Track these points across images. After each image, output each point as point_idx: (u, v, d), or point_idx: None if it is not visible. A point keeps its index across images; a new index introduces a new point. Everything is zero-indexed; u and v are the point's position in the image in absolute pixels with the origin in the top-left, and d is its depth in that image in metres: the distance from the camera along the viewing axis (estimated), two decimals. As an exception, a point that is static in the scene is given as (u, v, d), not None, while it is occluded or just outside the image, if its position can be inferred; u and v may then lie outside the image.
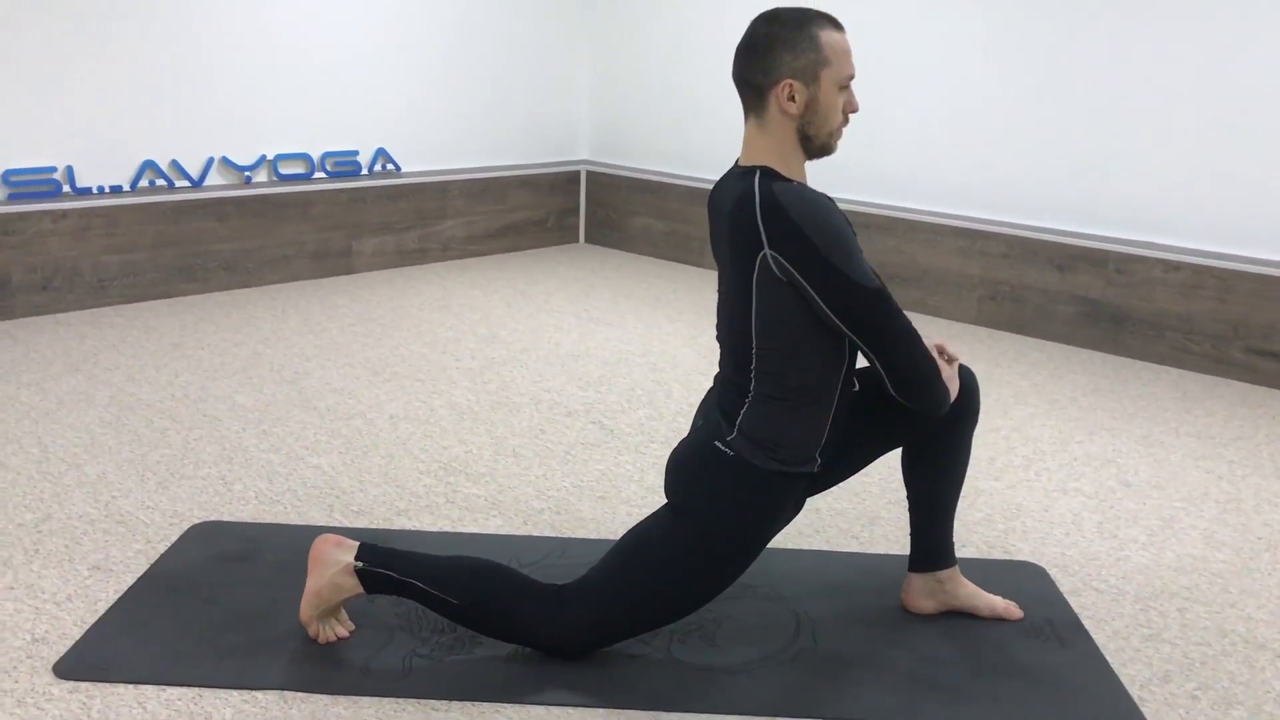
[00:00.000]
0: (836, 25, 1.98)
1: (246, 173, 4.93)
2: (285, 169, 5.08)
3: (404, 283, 5.11)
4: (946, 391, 2.03)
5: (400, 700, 1.96)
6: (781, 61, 1.94)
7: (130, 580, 2.35)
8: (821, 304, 1.92)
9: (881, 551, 2.63)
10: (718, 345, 2.14)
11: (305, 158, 5.12)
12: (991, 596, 2.33)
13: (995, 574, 2.51)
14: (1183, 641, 2.28)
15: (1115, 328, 4.37)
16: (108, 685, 1.97)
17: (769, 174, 1.96)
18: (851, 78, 1.99)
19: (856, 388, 2.16)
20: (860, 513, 2.84)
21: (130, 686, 1.97)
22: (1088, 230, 4.48)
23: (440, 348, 4.10)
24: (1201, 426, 3.59)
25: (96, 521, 2.62)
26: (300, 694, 1.97)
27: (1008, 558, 2.63)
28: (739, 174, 2.01)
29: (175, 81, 4.66)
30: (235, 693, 1.97)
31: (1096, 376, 4.07)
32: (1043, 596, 2.42)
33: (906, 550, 2.44)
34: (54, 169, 4.41)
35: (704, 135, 5.69)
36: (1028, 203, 4.63)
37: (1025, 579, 2.50)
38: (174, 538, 2.55)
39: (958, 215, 4.82)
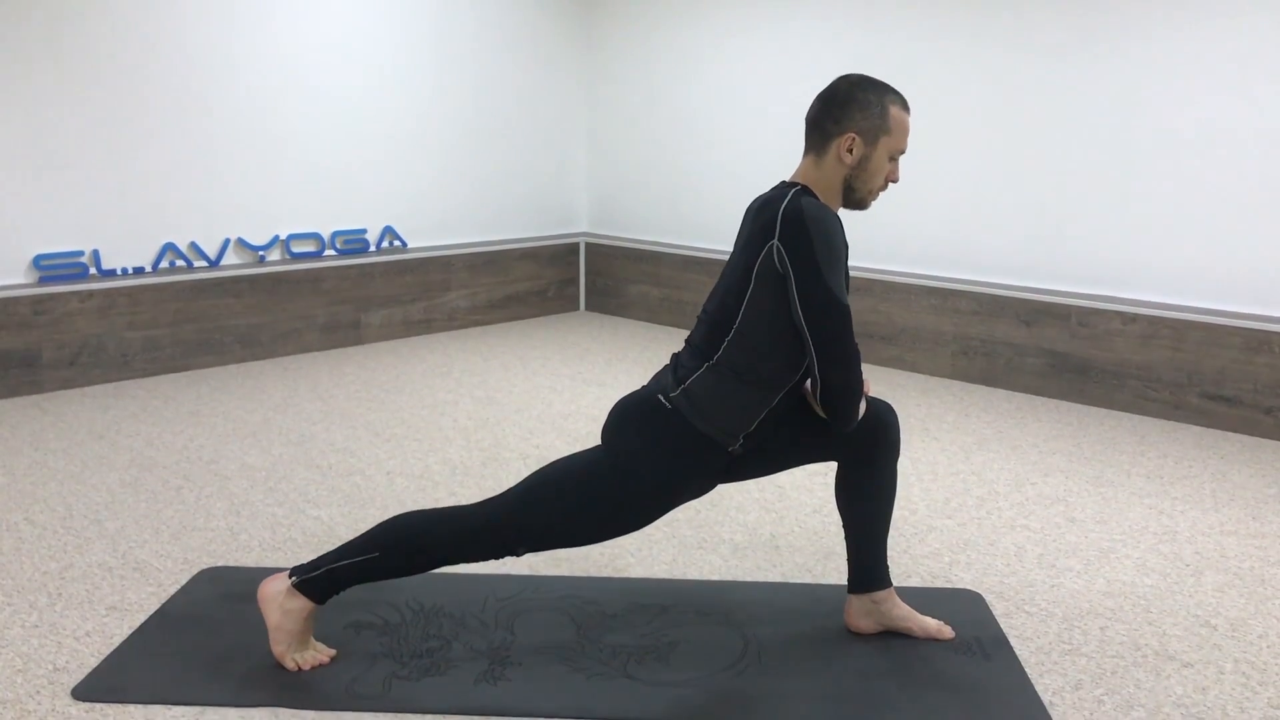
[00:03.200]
0: (905, 106, 2.32)
1: (261, 252, 5.26)
2: (297, 248, 5.40)
3: (409, 351, 5.40)
4: (858, 416, 2.30)
5: (380, 715, 2.20)
6: (853, 118, 2.27)
7: (143, 618, 2.60)
8: (797, 300, 2.19)
9: (833, 582, 2.85)
10: (695, 322, 2.39)
11: (316, 236, 5.45)
12: (925, 618, 2.55)
13: (935, 600, 2.72)
14: (1098, 655, 2.48)
15: (1080, 378, 4.59)
16: (119, 706, 2.21)
17: (806, 191, 2.27)
18: (903, 153, 2.32)
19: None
20: (816, 549, 3.07)
21: (140, 706, 2.21)
22: (1051, 286, 4.73)
23: (439, 410, 4.37)
24: (1153, 468, 3.80)
25: (114, 569, 2.88)
26: (290, 710, 2.21)
27: (949, 586, 2.84)
28: (783, 185, 2.32)
29: (193, 169, 5.01)
30: (233, 710, 2.20)
31: (1060, 424, 4.29)
32: (976, 618, 2.64)
33: (849, 578, 2.65)
34: (81, 252, 4.75)
35: (695, 207, 6.00)
36: (995, 262, 4.89)
37: (962, 604, 2.71)
38: (184, 581, 2.80)
39: (930, 275, 5.08)
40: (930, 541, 3.13)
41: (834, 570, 2.92)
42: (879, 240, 5.24)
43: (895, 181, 2.34)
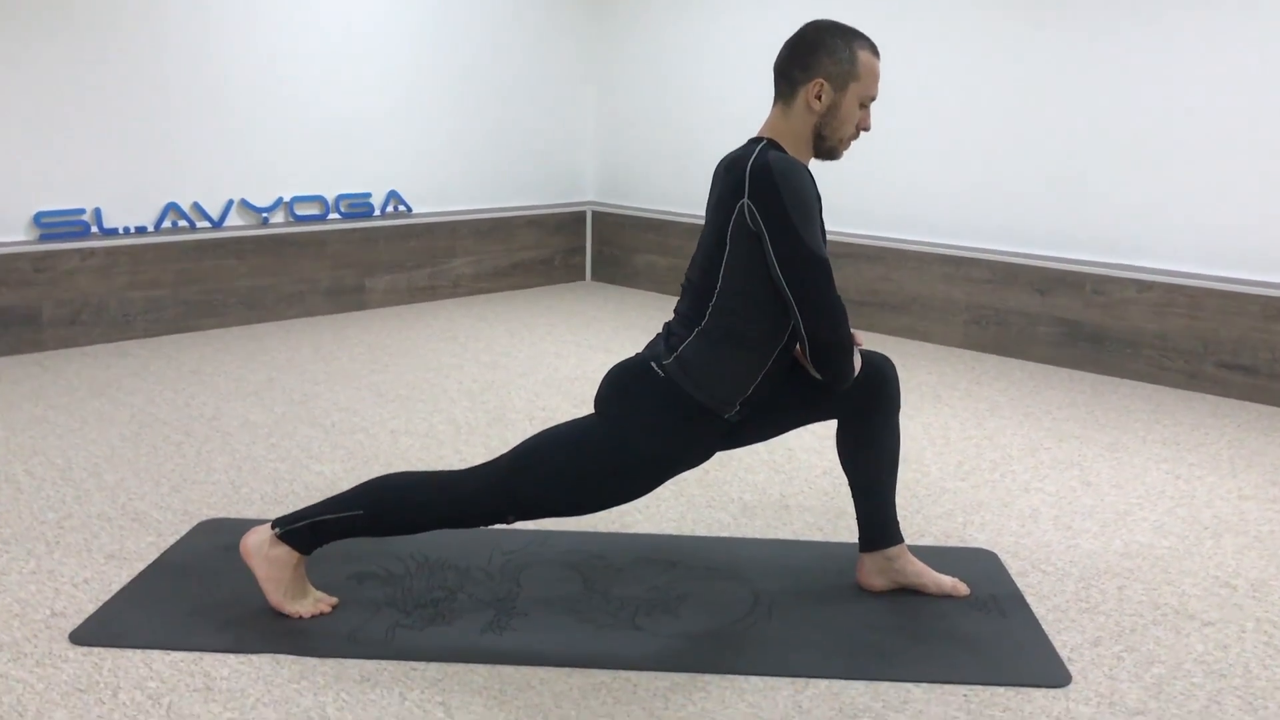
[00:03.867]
0: (875, 51, 2.24)
1: (264, 214, 5.20)
2: (301, 210, 5.34)
3: (414, 317, 5.34)
4: (852, 373, 2.23)
5: (382, 661, 2.15)
6: (821, 63, 2.20)
7: (142, 567, 2.55)
8: (773, 256, 2.12)
9: (844, 540, 2.79)
10: (680, 292, 2.34)
11: (320, 199, 5.39)
12: (939, 575, 2.49)
13: (949, 559, 2.67)
14: (1116, 613, 2.43)
15: (1094, 347, 4.53)
16: (118, 650, 2.17)
17: (774, 145, 2.19)
18: (873, 99, 2.25)
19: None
20: (826, 508, 3.01)
21: (138, 651, 2.16)
22: (1066, 254, 4.66)
23: (444, 373, 4.32)
24: (1169, 435, 3.74)
25: (113, 519, 2.83)
26: (291, 656, 2.16)
27: (963, 545, 2.79)
28: (750, 141, 2.24)
29: (197, 128, 4.95)
30: (233, 656, 2.16)
31: (1074, 393, 4.23)
32: (991, 577, 2.58)
33: (862, 535, 2.60)
34: (83, 210, 4.69)
35: (703, 175, 5.92)
36: (1009, 230, 4.82)
37: (977, 562, 2.66)
38: (184, 533, 2.75)
39: (942, 244, 5.01)
40: (943, 503, 3.08)
41: (845, 529, 2.87)
42: (889, 208, 5.17)
43: (866, 130, 2.27)
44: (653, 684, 2.09)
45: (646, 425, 2.22)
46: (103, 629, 2.24)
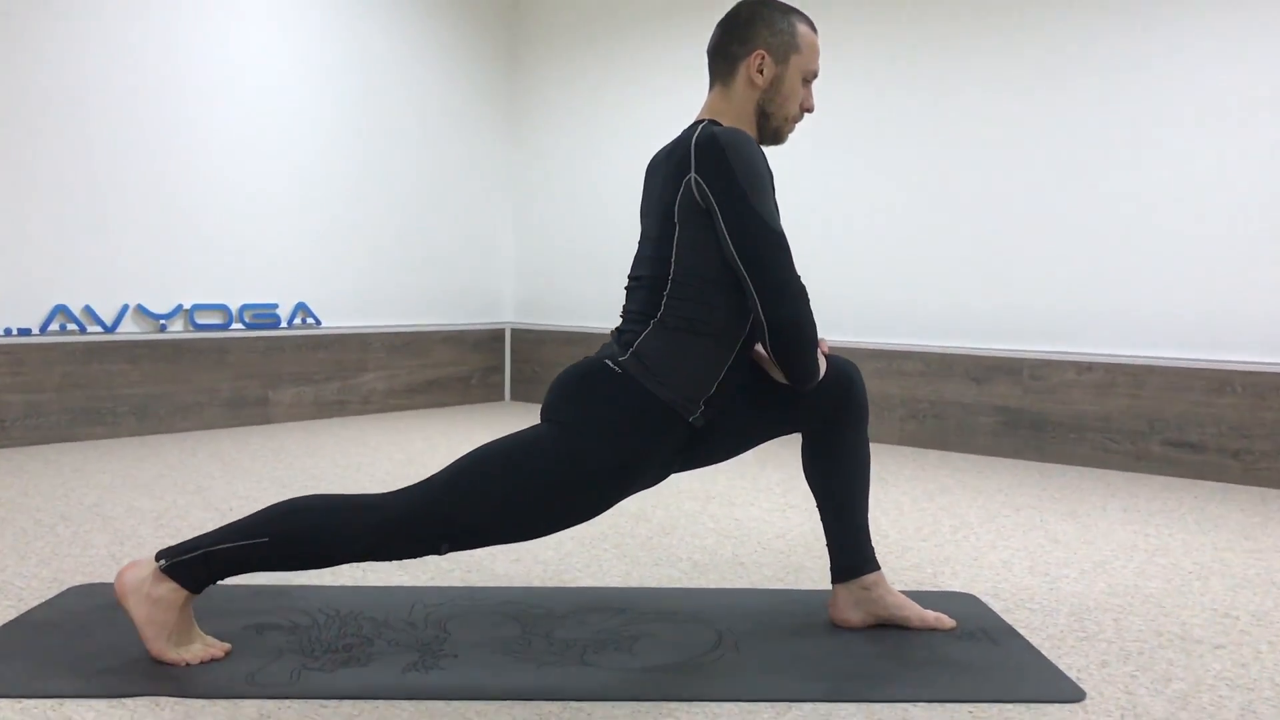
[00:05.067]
0: (812, 26, 2.11)
1: (162, 321, 4.88)
2: (202, 319, 5.04)
3: (323, 429, 5.01)
4: (818, 368, 2.01)
5: (286, 701, 1.79)
6: (759, 35, 2.06)
7: (-3, 627, 2.16)
8: (725, 233, 1.92)
9: (810, 588, 2.52)
10: (625, 296, 2.11)
11: (223, 309, 5.10)
12: (921, 608, 2.23)
13: (926, 602, 2.40)
14: (1119, 641, 2.18)
15: (1036, 434, 4.39)
16: (-43, 700, 1.78)
17: (715, 125, 2.00)
18: (815, 75, 2.11)
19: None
20: (784, 564, 2.74)
21: (-18, 701, 1.78)
22: (1000, 345, 4.56)
23: (353, 469, 3.99)
24: (1127, 504, 3.56)
25: (-32, 587, 2.43)
26: (173, 699, 1.79)
27: (938, 590, 2.53)
28: (689, 126, 2.05)
29: (92, 228, 4.67)
30: (101, 701, 1.78)
31: (1021, 476, 4.06)
32: (976, 614, 2.32)
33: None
34: (-39, 309, 4.34)
35: (621, 287, 5.79)
36: (941, 322, 4.73)
37: (957, 603, 2.40)
38: (51, 597, 2.37)
39: (872, 341, 4.89)
40: (909, 558, 2.83)
41: (809, 581, 2.59)
42: (819, 308, 5.06)
43: (810, 110, 2.13)
44: (610, 713, 1.77)
45: (603, 428, 1.94)
46: (-59, 679, 1.85)
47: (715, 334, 1.99)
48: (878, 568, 2.21)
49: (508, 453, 1.95)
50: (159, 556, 1.94)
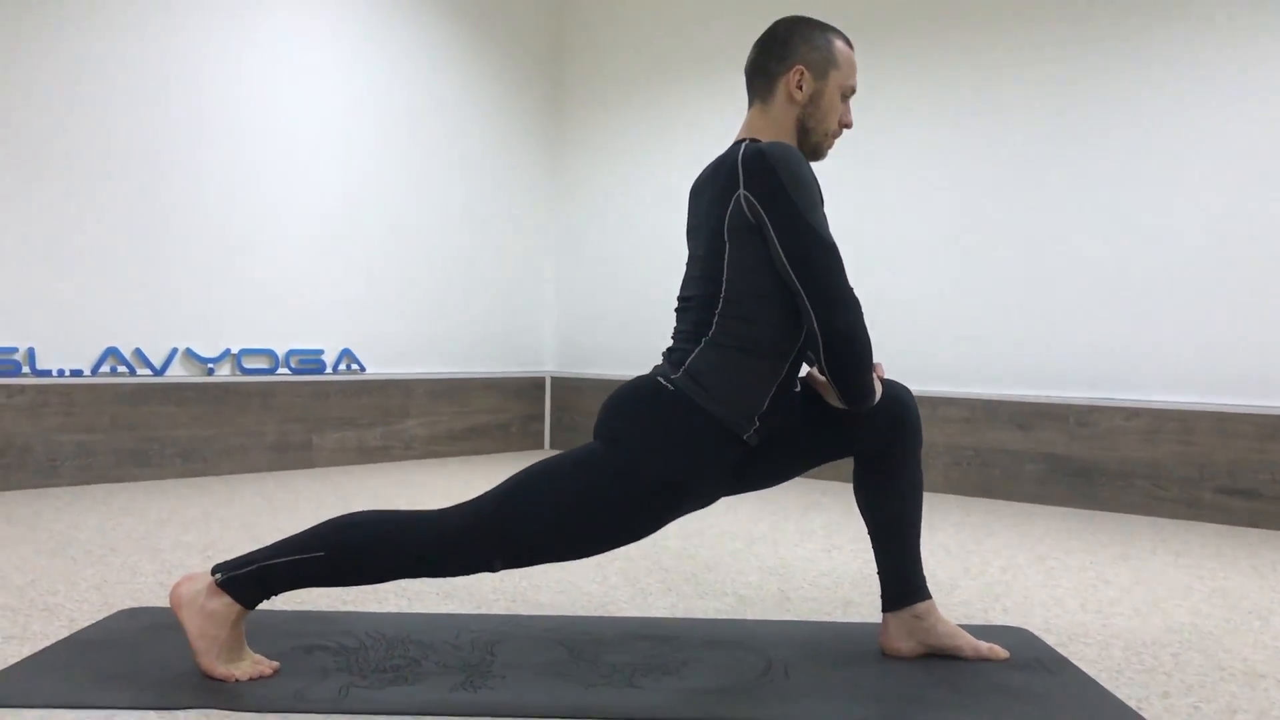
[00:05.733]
0: (849, 43, 2.14)
1: (210, 364, 4.94)
2: (249, 364, 5.10)
3: (365, 474, 5.03)
4: (874, 385, 2.01)
5: (332, 716, 1.79)
6: (798, 51, 2.09)
7: (49, 644, 2.17)
8: (777, 246, 1.93)
9: (860, 621, 2.48)
10: (676, 318, 2.12)
11: (270, 353, 5.16)
12: (974, 638, 2.19)
13: (977, 635, 2.36)
14: (1179, 673, 2.13)
15: (1084, 481, 4.33)
16: (13, 711, 1.78)
17: (757, 141, 2.01)
18: (853, 90, 2.13)
19: (798, 388, 2.13)
20: (832, 599, 2.71)
21: (35, 711, 1.78)
22: (1047, 392, 4.52)
23: (398, 505, 3.99)
24: (1180, 548, 3.50)
25: (19, 610, 2.45)
26: (222, 712, 1.79)
27: (989, 624, 2.49)
28: (731, 145, 2.07)
29: (144, 273, 4.75)
30: (152, 713, 1.78)
31: (1069, 522, 4.00)
32: (1029, 645, 2.28)
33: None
34: (15, 349, 4.41)
35: (661, 334, 5.80)
36: (985, 370, 4.69)
37: (1009, 636, 2.36)
38: (101, 618, 2.38)
39: (917, 389, 4.86)
40: (958, 594, 2.79)
41: (858, 615, 2.56)
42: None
43: (849, 126, 2.15)
44: (660, 732, 1.75)
45: (656, 446, 1.95)
46: (-6, 690, 1.86)
47: (767, 350, 1.99)
48: (929, 596, 2.18)
49: (561, 469, 1.96)
50: (215, 570, 1.95)
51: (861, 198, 5.05)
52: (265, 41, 5.13)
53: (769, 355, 2.00)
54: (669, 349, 2.08)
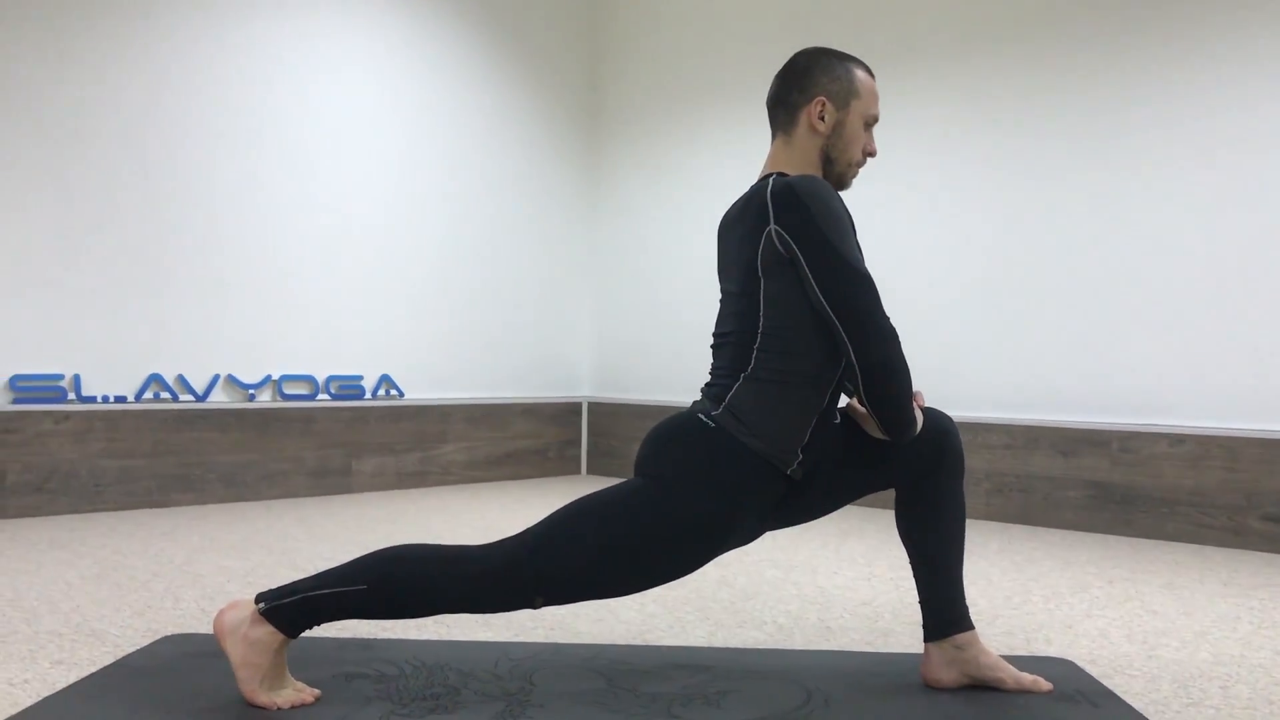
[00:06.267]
0: (870, 72, 2.14)
1: (251, 390, 4.99)
2: (290, 389, 5.14)
3: (403, 499, 5.05)
4: (914, 415, 2.00)
5: (374, 745, 1.79)
6: (819, 82, 2.09)
7: (94, 671, 2.20)
8: (811, 280, 1.92)
9: (900, 651, 2.46)
10: (712, 354, 2.12)
11: (310, 379, 5.20)
12: (1016, 670, 2.17)
13: (1019, 666, 2.33)
14: (1227, 707, 2.10)
15: (1126, 508, 4.28)
16: (56, 736, 1.81)
17: (783, 174, 2.02)
18: (876, 119, 2.12)
19: (838, 419, 2.12)
20: (872, 629, 2.69)
21: (81, 738, 1.80)
22: (1088, 418, 4.48)
23: (433, 538, 4.01)
24: (1227, 577, 3.45)
25: (65, 635, 2.48)
26: (266, 739, 1.80)
27: (1031, 655, 2.46)
28: (757, 181, 2.07)
29: (187, 301, 4.81)
30: (195, 740, 1.80)
31: (1112, 550, 3.95)
32: (1072, 677, 2.25)
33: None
34: (61, 376, 4.47)
35: (702, 364, 5.80)
36: (1027, 397, 4.66)
37: (1052, 667, 2.33)
38: (145, 644, 2.40)
39: (958, 415, 4.83)
40: (1000, 624, 2.76)
41: (899, 645, 2.54)
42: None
43: (873, 155, 2.14)
44: (701, 763, 1.74)
45: (699, 483, 1.95)
46: (40, 718, 1.88)
47: (806, 383, 1.99)
48: (972, 627, 2.16)
49: (603, 507, 1.96)
50: (258, 599, 1.97)
51: (907, 219, 5.04)
52: (311, 75, 5.20)
53: (808, 386, 1.99)
54: (707, 384, 2.08)
